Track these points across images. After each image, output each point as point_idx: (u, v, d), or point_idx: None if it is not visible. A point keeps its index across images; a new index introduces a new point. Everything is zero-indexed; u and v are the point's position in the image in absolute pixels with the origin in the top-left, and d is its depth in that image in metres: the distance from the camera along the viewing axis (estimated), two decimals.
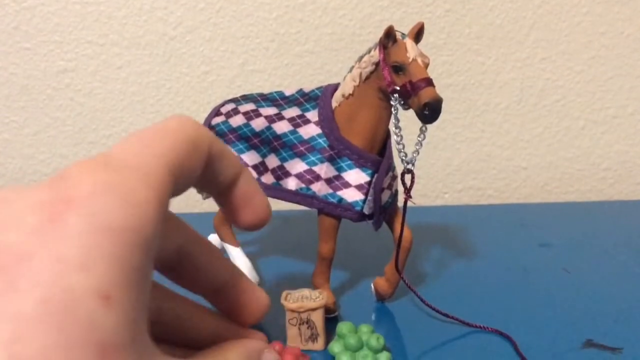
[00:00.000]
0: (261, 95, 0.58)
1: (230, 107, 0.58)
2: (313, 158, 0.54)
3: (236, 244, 0.61)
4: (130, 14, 0.85)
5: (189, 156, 0.18)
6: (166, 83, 0.88)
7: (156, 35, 0.86)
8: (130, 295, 0.14)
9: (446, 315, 0.54)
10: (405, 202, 0.51)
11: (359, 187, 0.53)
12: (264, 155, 0.55)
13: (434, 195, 0.96)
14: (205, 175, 0.19)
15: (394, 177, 0.55)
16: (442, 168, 0.95)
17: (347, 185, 0.53)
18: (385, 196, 0.54)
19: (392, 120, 0.50)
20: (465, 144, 0.94)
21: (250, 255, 0.62)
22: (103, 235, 0.13)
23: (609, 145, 0.96)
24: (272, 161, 0.55)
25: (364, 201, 0.53)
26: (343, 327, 0.49)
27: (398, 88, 0.49)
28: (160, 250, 0.19)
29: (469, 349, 0.50)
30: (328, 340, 0.50)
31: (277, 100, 0.57)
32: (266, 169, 0.55)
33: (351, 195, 0.53)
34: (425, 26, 0.51)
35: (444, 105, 0.48)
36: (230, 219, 0.21)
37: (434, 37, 0.88)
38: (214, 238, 0.70)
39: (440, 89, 0.48)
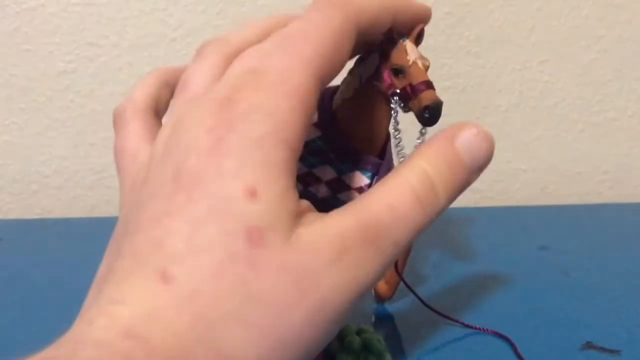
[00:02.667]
0: None
1: None
2: (312, 161, 0.54)
3: None
4: (130, 16, 0.85)
5: (335, 52, 0.21)
6: None
7: (157, 37, 0.86)
8: (273, 187, 0.18)
9: (446, 317, 0.55)
10: None
11: (358, 190, 0.53)
12: None
13: None
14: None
15: None
16: None
17: (347, 188, 0.53)
18: None
19: (392, 122, 0.50)
20: None
21: None
22: (252, 147, 0.18)
23: (608, 147, 0.97)
24: None
25: None
26: (343, 328, 0.49)
27: (398, 91, 0.49)
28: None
29: (468, 351, 0.51)
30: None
31: None
32: None
33: (351, 198, 0.53)
34: (425, 29, 0.51)
35: (443, 108, 0.48)
36: None
37: (433, 39, 0.88)
38: None
39: (440, 92, 0.48)
